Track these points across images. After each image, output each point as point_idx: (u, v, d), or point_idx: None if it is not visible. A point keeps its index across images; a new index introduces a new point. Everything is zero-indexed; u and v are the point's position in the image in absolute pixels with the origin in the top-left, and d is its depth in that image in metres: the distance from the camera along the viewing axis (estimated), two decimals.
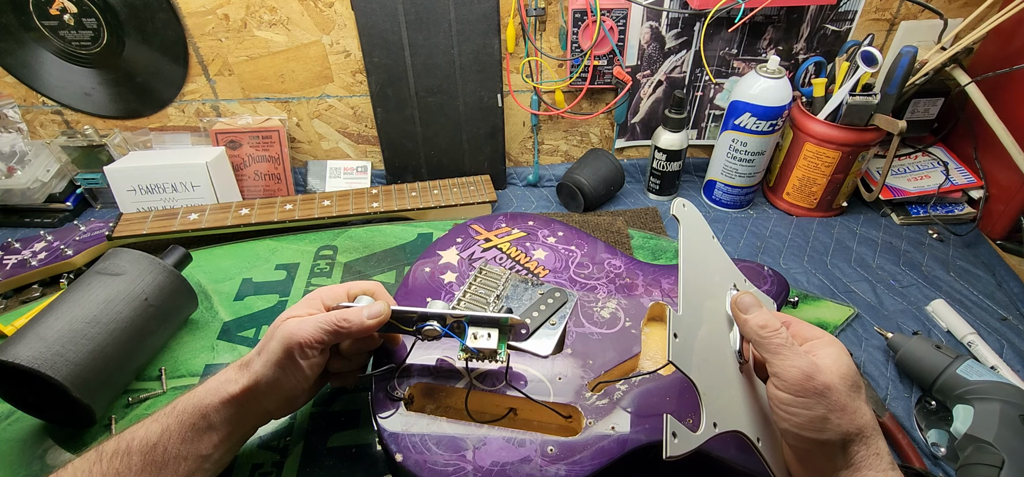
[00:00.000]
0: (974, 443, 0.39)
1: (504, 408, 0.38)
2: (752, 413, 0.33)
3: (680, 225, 0.36)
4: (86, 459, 0.32)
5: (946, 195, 0.66)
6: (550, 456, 0.34)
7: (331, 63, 0.66)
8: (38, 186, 0.66)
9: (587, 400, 0.38)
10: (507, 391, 0.38)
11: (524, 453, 0.34)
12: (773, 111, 0.60)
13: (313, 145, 0.73)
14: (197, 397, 0.35)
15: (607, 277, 0.49)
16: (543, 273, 0.49)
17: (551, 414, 0.38)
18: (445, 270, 0.49)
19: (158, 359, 0.48)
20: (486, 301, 0.45)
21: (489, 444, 0.35)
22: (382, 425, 0.36)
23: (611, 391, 0.38)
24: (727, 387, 0.33)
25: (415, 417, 0.37)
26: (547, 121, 0.72)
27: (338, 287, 0.40)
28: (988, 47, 0.64)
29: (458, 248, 0.51)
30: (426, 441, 0.35)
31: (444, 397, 0.39)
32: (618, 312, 0.45)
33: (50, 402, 0.41)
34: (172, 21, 0.61)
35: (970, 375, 0.43)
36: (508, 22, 0.63)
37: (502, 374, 0.39)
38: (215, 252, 0.60)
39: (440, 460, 0.34)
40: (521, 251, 0.51)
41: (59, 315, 0.42)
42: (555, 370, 0.40)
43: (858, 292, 0.57)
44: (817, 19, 0.64)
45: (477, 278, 0.47)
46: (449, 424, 0.36)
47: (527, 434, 0.36)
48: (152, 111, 0.69)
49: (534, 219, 0.55)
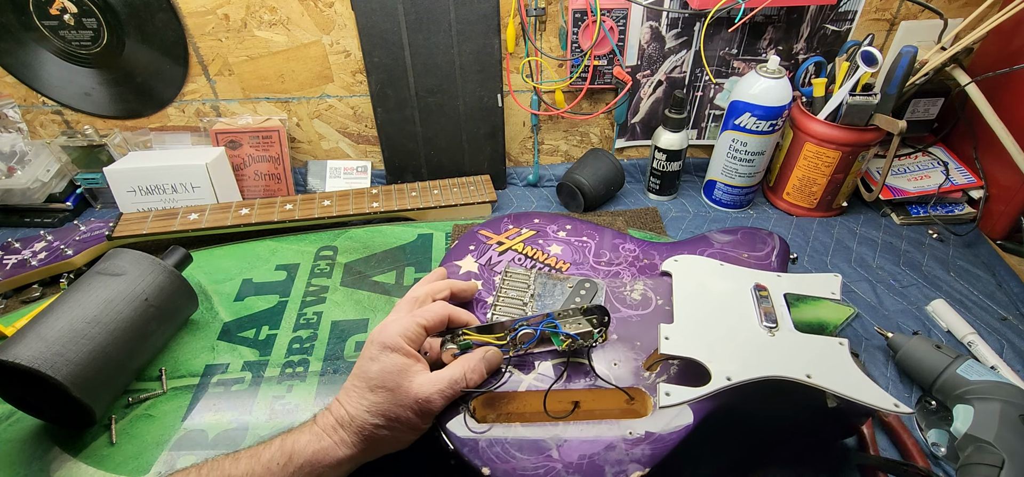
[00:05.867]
0: (974, 443, 0.39)
1: (568, 403, 0.39)
2: (795, 360, 0.38)
3: (673, 277, 0.46)
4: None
5: (946, 195, 0.66)
6: (632, 439, 0.35)
7: (331, 63, 0.66)
8: (38, 186, 0.66)
9: (648, 380, 0.39)
10: (595, 383, 0.39)
11: (607, 441, 0.35)
12: (773, 111, 0.60)
13: (313, 145, 0.73)
14: (309, 449, 0.33)
15: (626, 261, 0.50)
16: (565, 267, 0.49)
17: (614, 401, 0.38)
18: (468, 279, 0.48)
19: (158, 359, 0.48)
20: (521, 302, 0.45)
21: (569, 439, 0.36)
22: (458, 442, 0.36)
23: (667, 367, 0.40)
24: (747, 350, 0.39)
25: (487, 428, 0.36)
26: (547, 121, 0.72)
27: (429, 305, 0.39)
28: (988, 47, 0.64)
29: (474, 256, 0.50)
30: (508, 449, 0.35)
31: (504, 404, 0.39)
32: (648, 293, 0.46)
33: (50, 402, 0.41)
34: (172, 21, 0.61)
35: (970, 375, 0.43)
36: (508, 22, 0.63)
37: (560, 369, 0.40)
38: (215, 252, 0.60)
39: (528, 465, 0.34)
40: (537, 249, 0.51)
41: (59, 315, 0.42)
42: (608, 357, 0.41)
43: (858, 292, 0.57)
44: (817, 19, 0.64)
45: (505, 281, 0.47)
46: (524, 428, 0.36)
47: (602, 422, 0.36)
48: (152, 111, 0.69)
49: (539, 216, 0.55)
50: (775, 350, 0.39)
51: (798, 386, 0.37)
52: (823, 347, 0.39)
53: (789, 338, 0.40)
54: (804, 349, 0.39)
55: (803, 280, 0.46)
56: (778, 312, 0.42)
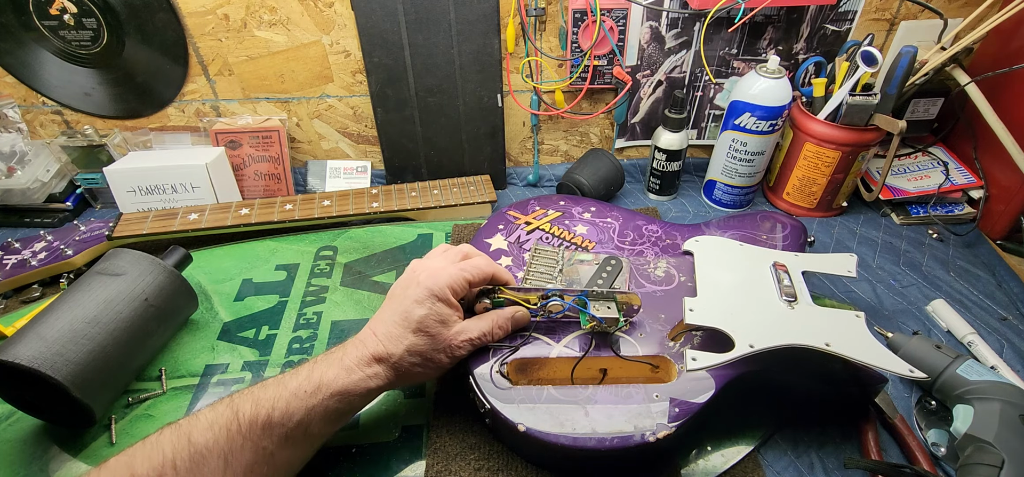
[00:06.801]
0: (974, 443, 0.39)
1: (596, 370, 0.41)
2: (814, 331, 0.40)
3: (695, 256, 0.49)
4: (220, 414, 0.32)
5: (946, 195, 0.66)
6: (658, 402, 0.38)
7: (331, 63, 0.66)
8: (38, 186, 0.66)
9: (672, 349, 0.42)
10: (621, 352, 0.42)
11: (634, 404, 0.38)
12: (773, 111, 0.60)
13: (313, 145, 0.73)
14: (339, 382, 0.35)
15: (649, 241, 0.53)
16: (590, 246, 0.52)
17: (640, 369, 0.41)
18: (498, 256, 0.51)
19: (158, 359, 0.48)
20: (550, 277, 0.48)
21: (599, 401, 0.38)
22: (494, 403, 0.38)
23: (690, 337, 0.43)
24: (768, 321, 0.42)
25: (522, 389, 0.39)
26: (547, 121, 0.72)
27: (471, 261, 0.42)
28: (988, 47, 0.64)
29: (503, 234, 0.53)
30: (540, 408, 0.38)
31: (536, 370, 0.42)
32: (670, 270, 0.49)
33: (50, 402, 0.41)
34: (172, 21, 0.61)
35: (970, 375, 0.42)
36: (508, 22, 0.63)
37: (589, 340, 0.43)
38: (215, 252, 0.60)
39: (560, 423, 0.37)
40: (563, 229, 0.54)
41: (59, 315, 0.42)
42: (634, 329, 0.44)
43: (858, 292, 0.57)
44: (817, 19, 0.64)
45: (534, 258, 0.50)
46: (556, 390, 0.39)
47: (629, 386, 0.39)
48: (152, 111, 0.68)
49: (564, 199, 0.58)
50: (795, 321, 0.42)
51: (816, 355, 0.39)
52: (841, 319, 0.42)
53: (808, 310, 0.43)
54: (823, 320, 0.42)
55: (820, 260, 0.49)
56: (797, 288, 0.45)
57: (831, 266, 0.49)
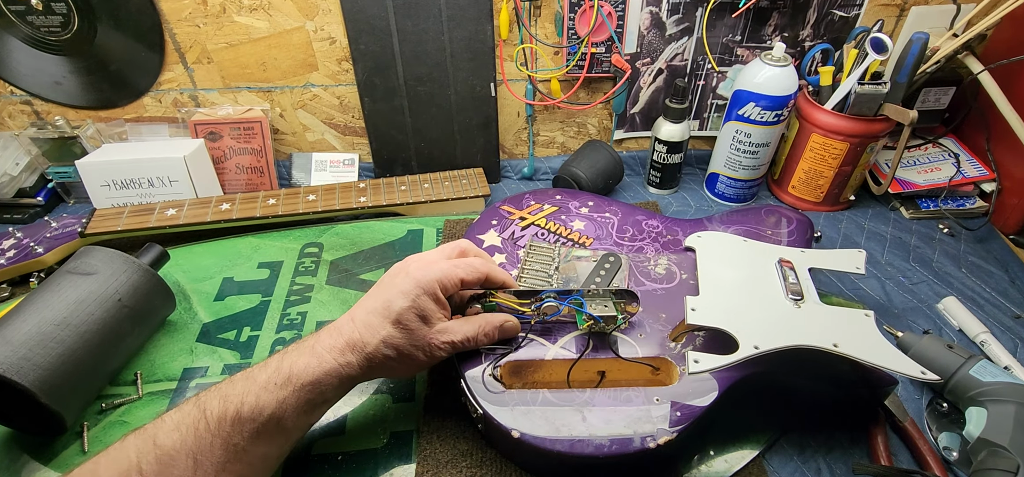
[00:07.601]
0: (988, 447, 0.38)
1: (594, 372, 0.40)
2: (822, 331, 0.40)
3: (697, 252, 0.48)
4: (186, 414, 0.32)
5: (957, 188, 0.65)
6: (658, 405, 0.37)
7: (315, 50, 0.64)
8: (7, 180, 0.64)
9: (673, 350, 0.41)
10: (619, 353, 0.41)
11: (633, 408, 0.37)
12: (778, 101, 0.59)
13: (297, 137, 0.72)
14: (310, 371, 0.34)
15: (649, 237, 0.52)
16: (588, 242, 0.51)
17: (640, 371, 0.40)
18: (492, 253, 0.50)
19: (133, 363, 0.47)
20: (546, 275, 0.47)
21: (597, 404, 0.37)
22: (486, 407, 0.37)
23: (693, 338, 0.42)
24: (774, 321, 0.41)
25: (516, 393, 0.38)
26: (543, 111, 0.71)
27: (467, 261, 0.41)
28: (1002, 33, 0.63)
29: (496, 230, 0.52)
30: (536, 414, 0.37)
31: (531, 372, 0.41)
32: (672, 267, 0.49)
33: (17, 409, 0.40)
34: (147, 6, 0.59)
35: (983, 376, 0.42)
36: (501, 7, 0.61)
37: (586, 340, 0.41)
38: (194, 250, 0.59)
39: (556, 428, 0.36)
40: (559, 224, 0.53)
41: (26, 317, 0.41)
42: (634, 329, 0.43)
43: (867, 289, 0.56)
44: (824, 4, 0.63)
45: (529, 255, 0.49)
46: (551, 394, 0.38)
47: (628, 390, 0.38)
48: (127, 101, 0.67)
49: (561, 193, 0.57)
50: (802, 321, 0.41)
51: (824, 356, 0.38)
52: (849, 318, 0.41)
53: (815, 310, 0.42)
54: (830, 320, 0.41)
55: (827, 256, 0.48)
56: (803, 285, 0.44)
57: (839, 262, 0.48)
